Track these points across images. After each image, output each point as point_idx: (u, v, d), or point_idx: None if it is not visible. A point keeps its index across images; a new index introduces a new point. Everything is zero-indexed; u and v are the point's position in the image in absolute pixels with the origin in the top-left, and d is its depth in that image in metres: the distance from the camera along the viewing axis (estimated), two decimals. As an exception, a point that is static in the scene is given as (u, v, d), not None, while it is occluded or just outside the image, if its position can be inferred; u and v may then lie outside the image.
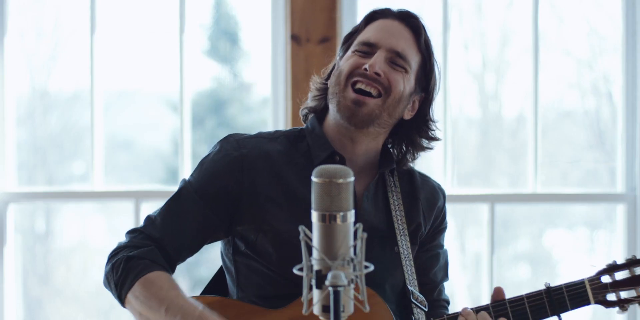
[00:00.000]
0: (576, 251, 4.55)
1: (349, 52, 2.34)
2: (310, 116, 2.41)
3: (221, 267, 2.45)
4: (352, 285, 1.66)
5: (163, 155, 4.48)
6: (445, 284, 2.50)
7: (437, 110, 4.10)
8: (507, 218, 4.35)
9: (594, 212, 4.43)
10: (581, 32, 4.32)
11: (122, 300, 2.25)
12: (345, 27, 4.02)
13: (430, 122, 2.40)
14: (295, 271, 1.67)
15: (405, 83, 2.30)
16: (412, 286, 2.36)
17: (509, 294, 2.34)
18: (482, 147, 4.37)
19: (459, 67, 4.23)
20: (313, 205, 1.68)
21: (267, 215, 2.27)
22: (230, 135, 2.36)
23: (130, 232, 2.31)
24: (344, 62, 2.32)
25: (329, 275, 1.62)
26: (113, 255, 2.27)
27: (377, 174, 2.37)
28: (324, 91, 2.38)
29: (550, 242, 4.58)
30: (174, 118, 4.23)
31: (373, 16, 2.36)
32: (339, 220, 1.66)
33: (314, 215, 1.67)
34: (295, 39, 3.98)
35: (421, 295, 2.38)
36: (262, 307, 2.29)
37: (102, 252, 4.40)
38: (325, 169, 1.68)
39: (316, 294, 1.66)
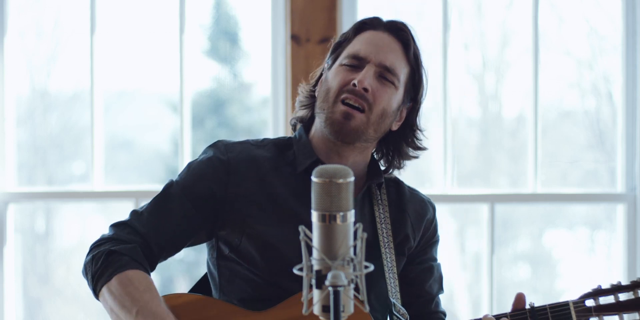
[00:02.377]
0: (576, 251, 4.55)
1: (337, 64, 2.33)
2: (299, 126, 2.41)
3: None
4: (352, 285, 1.66)
5: (163, 155, 4.48)
6: (441, 296, 2.50)
7: (436, 110, 4.11)
8: (507, 218, 4.34)
9: (594, 212, 4.43)
10: (581, 32, 4.32)
11: (96, 292, 2.26)
12: (345, 27, 4.01)
13: (417, 131, 2.39)
14: (295, 271, 1.67)
15: (393, 98, 2.30)
16: (395, 298, 2.37)
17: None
18: (482, 147, 4.37)
19: (459, 67, 4.23)
20: (313, 205, 1.68)
21: (250, 218, 2.29)
22: (218, 141, 2.38)
23: (115, 226, 2.32)
24: (333, 77, 2.31)
25: (329, 275, 1.62)
26: (95, 246, 2.29)
27: (364, 186, 2.37)
28: (311, 99, 2.38)
29: (550, 242, 4.58)
30: (174, 118, 4.23)
31: (362, 27, 2.35)
32: (338, 220, 1.66)
33: (314, 215, 1.67)
34: (295, 39, 3.98)
35: (403, 308, 2.38)
36: (243, 308, 2.29)
37: (102, 252, 4.40)
38: (325, 169, 1.68)
39: (316, 294, 1.66)
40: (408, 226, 2.41)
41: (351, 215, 1.68)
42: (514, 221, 4.42)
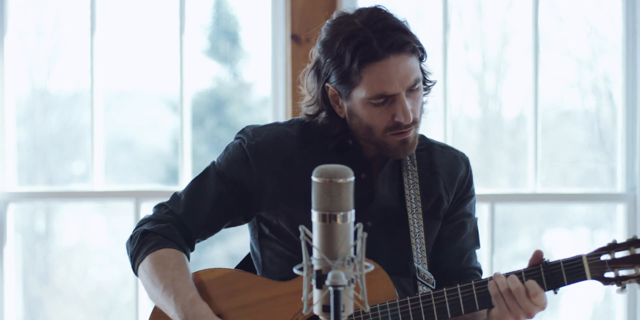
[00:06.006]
0: (576, 251, 4.54)
1: (361, 101, 2.26)
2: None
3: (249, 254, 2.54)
4: (352, 285, 1.66)
5: (163, 155, 4.47)
6: (477, 251, 2.50)
7: (437, 110, 4.10)
8: (507, 218, 4.34)
9: (594, 212, 4.43)
10: (581, 32, 4.32)
11: (135, 270, 2.37)
12: (345, 27, 4.01)
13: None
14: (295, 271, 1.67)
15: (422, 96, 2.31)
16: (421, 264, 2.39)
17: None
18: (482, 147, 4.37)
19: (459, 67, 4.23)
20: (313, 205, 1.68)
21: (281, 200, 2.35)
22: (247, 127, 2.42)
23: (157, 207, 2.42)
24: (369, 117, 2.27)
25: (329, 275, 1.62)
26: (137, 226, 2.39)
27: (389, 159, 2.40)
28: (319, 105, 2.36)
29: (550, 242, 4.57)
30: (174, 118, 4.23)
31: (364, 59, 2.22)
32: (339, 220, 1.66)
33: (314, 215, 1.67)
34: (295, 38, 3.98)
35: (428, 273, 2.40)
36: (273, 279, 2.37)
37: (102, 252, 4.40)
38: (325, 169, 1.68)
39: (316, 293, 1.66)
40: (441, 188, 2.42)
41: (351, 215, 1.68)
42: (514, 221, 4.42)
